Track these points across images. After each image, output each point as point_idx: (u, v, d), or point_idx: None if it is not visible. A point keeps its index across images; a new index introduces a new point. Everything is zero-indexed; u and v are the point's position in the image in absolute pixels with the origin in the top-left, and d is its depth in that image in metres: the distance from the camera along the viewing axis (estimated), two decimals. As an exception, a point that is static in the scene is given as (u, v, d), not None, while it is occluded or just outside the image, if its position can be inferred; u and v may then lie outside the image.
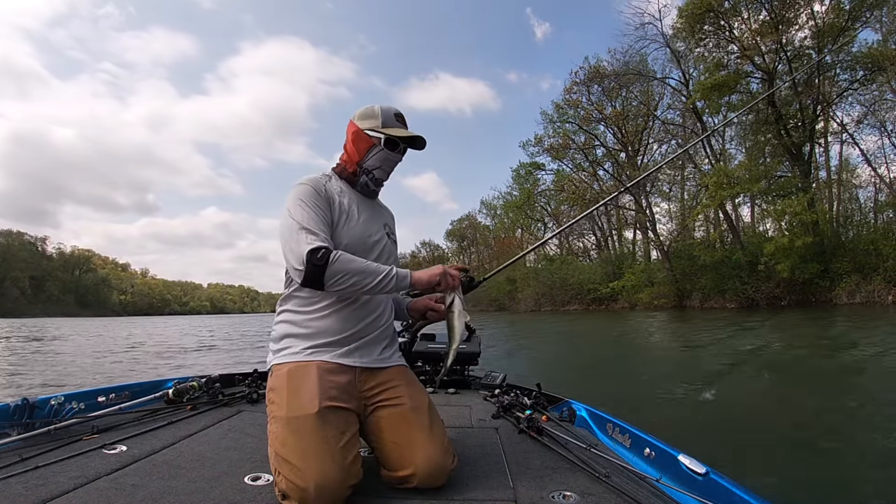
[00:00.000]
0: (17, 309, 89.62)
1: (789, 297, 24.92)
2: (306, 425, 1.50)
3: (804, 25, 26.46)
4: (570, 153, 42.14)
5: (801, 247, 22.80)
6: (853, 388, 5.56)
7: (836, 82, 26.87)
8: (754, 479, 2.81)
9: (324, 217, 1.72)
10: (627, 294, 35.01)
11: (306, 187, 1.76)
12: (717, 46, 28.98)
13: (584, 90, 38.31)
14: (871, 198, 27.72)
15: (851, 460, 3.30)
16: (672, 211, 40.13)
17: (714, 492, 1.41)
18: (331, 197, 1.80)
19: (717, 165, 28.86)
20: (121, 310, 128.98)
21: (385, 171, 1.92)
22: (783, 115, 26.99)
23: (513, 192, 52.17)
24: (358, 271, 1.61)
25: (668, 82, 34.18)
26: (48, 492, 1.43)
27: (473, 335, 3.55)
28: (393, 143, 1.86)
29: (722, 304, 27.57)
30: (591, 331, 17.44)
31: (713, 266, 28.88)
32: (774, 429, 3.85)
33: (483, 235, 69.44)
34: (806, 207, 23.42)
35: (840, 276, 23.38)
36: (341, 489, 1.41)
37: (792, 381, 6.36)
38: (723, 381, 6.48)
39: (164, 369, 8.99)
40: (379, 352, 1.83)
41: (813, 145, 27.65)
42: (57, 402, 2.16)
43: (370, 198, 1.98)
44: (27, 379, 7.81)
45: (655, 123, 38.07)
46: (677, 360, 8.65)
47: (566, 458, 1.86)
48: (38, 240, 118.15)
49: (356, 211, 1.85)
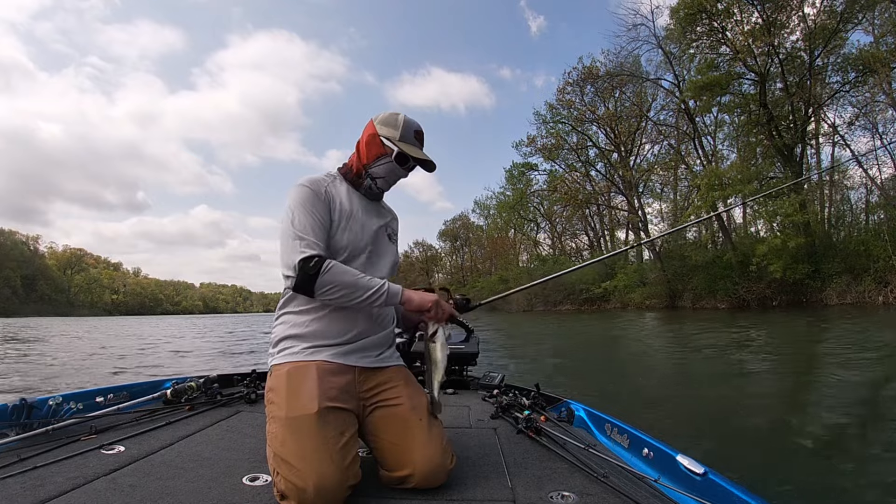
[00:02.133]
0: (9, 308, 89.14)
1: (780, 297, 25.11)
2: (306, 425, 1.49)
3: (795, 28, 26.67)
4: (563, 153, 42.41)
5: (794, 248, 22.97)
6: (848, 386, 5.56)
7: (828, 84, 27.07)
8: (752, 479, 2.86)
9: (320, 221, 1.71)
10: (620, 294, 35.27)
11: (305, 190, 1.74)
12: (710, 48, 29.10)
13: (577, 90, 38.56)
14: (863, 199, 28.03)
15: (850, 459, 3.31)
16: (664, 211, 40.34)
17: (712, 492, 1.42)
18: (331, 199, 1.79)
19: (709, 167, 29.04)
20: (113, 309, 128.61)
21: (388, 182, 1.91)
22: (775, 116, 27.16)
23: (506, 192, 52.32)
24: (348, 284, 1.61)
25: (661, 84, 34.36)
26: (46, 492, 1.43)
27: (472, 336, 3.54)
28: (403, 159, 1.85)
29: (713, 305, 27.76)
30: (584, 331, 17.47)
31: (704, 266, 29.15)
32: (772, 428, 3.86)
33: (476, 235, 69.65)
34: (798, 209, 23.58)
35: (831, 277, 23.55)
36: (340, 490, 1.40)
37: (786, 380, 6.40)
38: (718, 381, 6.51)
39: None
40: (379, 352, 1.83)
41: (804, 146, 27.86)
42: (55, 403, 2.15)
43: (373, 200, 1.97)
44: (24, 379, 7.72)
45: (648, 124, 38.31)
46: (673, 360, 8.66)
47: (564, 459, 1.86)
48: (31, 239, 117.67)
49: (358, 212, 1.84)
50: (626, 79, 35.16)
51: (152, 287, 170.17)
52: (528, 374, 7.47)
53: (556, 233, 52.11)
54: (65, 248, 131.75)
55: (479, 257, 68.83)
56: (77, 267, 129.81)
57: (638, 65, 34.59)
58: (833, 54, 25.98)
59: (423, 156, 1.86)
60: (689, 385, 6.29)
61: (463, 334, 3.55)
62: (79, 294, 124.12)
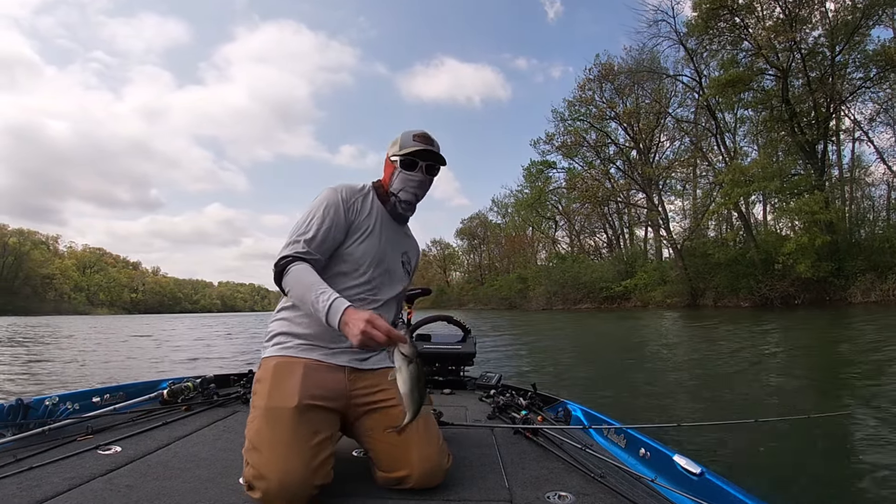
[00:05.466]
0: (30, 307, 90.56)
1: (803, 295, 24.87)
2: (281, 417, 1.51)
3: (818, 24, 26.46)
4: (582, 151, 42.20)
5: (820, 245, 22.80)
6: (868, 388, 5.40)
7: (850, 80, 26.83)
8: (750, 479, 2.85)
9: (329, 229, 1.72)
10: (640, 293, 34.98)
11: (334, 196, 1.78)
12: (732, 44, 28.96)
13: (597, 86, 38.40)
14: (885, 196, 27.76)
15: (850, 458, 3.30)
16: (685, 209, 40.02)
17: (709, 492, 1.42)
18: (357, 211, 1.82)
19: (734, 163, 28.82)
20: (132, 308, 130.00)
21: (409, 191, 1.86)
22: (797, 112, 26.97)
23: (524, 190, 52.08)
24: (299, 291, 1.58)
25: (681, 79, 34.19)
26: (42, 492, 1.45)
27: (469, 336, 3.59)
28: (409, 164, 1.83)
29: (736, 303, 27.48)
30: (600, 330, 17.22)
31: (727, 264, 28.82)
32: (775, 430, 3.72)
33: (494, 234, 69.52)
34: (823, 206, 23.43)
35: (854, 275, 23.34)
36: (305, 487, 1.41)
37: (808, 382, 6.27)
38: (733, 382, 6.34)
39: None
40: (371, 354, 1.81)
41: (826, 143, 27.62)
42: (51, 403, 2.18)
43: (399, 223, 1.96)
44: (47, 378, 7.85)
45: (667, 120, 38.05)
46: (693, 360, 8.48)
47: (561, 459, 1.87)
48: (50, 239, 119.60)
49: (379, 231, 1.85)
50: (646, 75, 34.98)
51: (171, 286, 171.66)
52: (533, 374, 7.38)
53: (575, 231, 51.95)
54: (84, 247, 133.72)
55: (496, 255, 68.69)
56: (96, 266, 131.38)
57: (656, 61, 34.45)
58: (855, 50, 25.78)
59: (418, 145, 1.82)
60: (700, 385, 6.16)
61: (460, 334, 3.62)
62: (98, 293, 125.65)
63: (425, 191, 1.90)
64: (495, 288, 57.69)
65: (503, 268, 64.01)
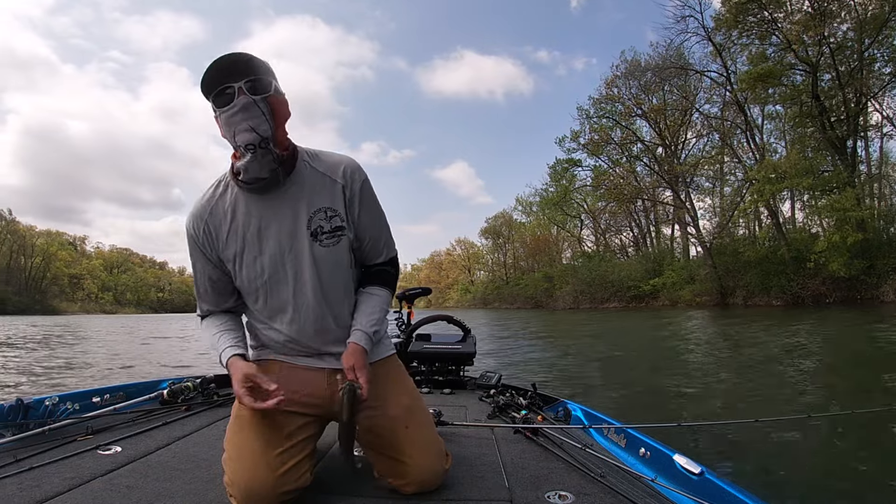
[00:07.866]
0: (58, 307, 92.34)
1: (834, 294, 24.61)
2: (250, 423, 1.46)
3: (846, 18, 26.07)
4: (608, 149, 42.03)
5: (854, 244, 22.56)
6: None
7: (878, 75, 26.47)
8: (750, 479, 2.87)
9: (209, 278, 1.58)
10: (668, 291, 34.77)
11: (188, 232, 1.54)
12: (760, 38, 28.68)
13: (625, 83, 38.26)
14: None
15: (850, 458, 3.27)
16: (714, 206, 39.61)
17: (709, 491, 1.42)
18: (215, 226, 1.50)
19: (767, 159, 28.54)
20: (158, 307, 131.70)
21: (242, 130, 1.37)
22: (826, 107, 26.66)
23: (549, 188, 51.71)
24: (211, 347, 1.57)
25: (709, 75, 33.95)
26: (42, 493, 1.44)
27: (469, 336, 3.60)
28: (216, 98, 1.38)
29: (767, 302, 27.19)
30: (628, 328, 17.08)
31: (757, 262, 28.52)
32: (776, 431, 3.66)
33: (519, 233, 69.27)
34: (855, 203, 23.19)
35: (886, 273, 23.07)
36: (270, 495, 1.36)
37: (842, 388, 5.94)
38: (759, 385, 6.07)
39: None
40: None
41: (856, 139, 27.28)
42: (51, 403, 2.17)
43: (273, 187, 1.47)
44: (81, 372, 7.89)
45: (695, 116, 37.74)
46: (721, 361, 8.25)
47: (562, 459, 1.86)
48: (77, 239, 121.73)
49: (253, 227, 1.48)
50: (673, 72, 34.75)
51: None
52: (540, 373, 7.35)
53: (600, 229, 51.67)
54: (112, 248, 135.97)
55: (521, 254, 68.48)
56: (123, 266, 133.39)
57: (682, 57, 34.24)
58: (883, 45, 25.45)
59: (209, 74, 1.36)
60: (720, 387, 6.03)
61: (460, 334, 3.64)
62: (125, 293, 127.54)
63: (263, 116, 1.38)
64: (521, 287, 57.66)
65: (528, 267, 63.92)
